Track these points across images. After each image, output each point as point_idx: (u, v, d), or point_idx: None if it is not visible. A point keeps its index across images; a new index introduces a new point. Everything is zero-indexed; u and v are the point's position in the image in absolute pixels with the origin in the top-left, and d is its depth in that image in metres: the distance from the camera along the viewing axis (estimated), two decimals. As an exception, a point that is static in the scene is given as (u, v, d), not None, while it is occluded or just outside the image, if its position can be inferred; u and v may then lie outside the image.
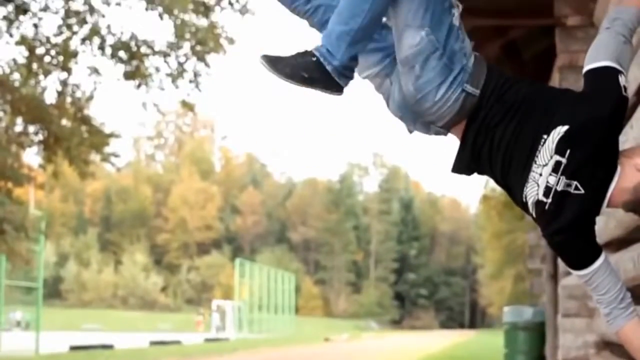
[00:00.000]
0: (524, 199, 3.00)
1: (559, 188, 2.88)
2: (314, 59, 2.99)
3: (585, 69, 2.98)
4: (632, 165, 2.90)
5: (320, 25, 3.22)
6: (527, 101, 2.97)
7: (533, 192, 2.95)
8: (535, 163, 2.93)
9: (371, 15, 2.95)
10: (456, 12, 2.99)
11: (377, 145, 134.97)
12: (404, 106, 3.11)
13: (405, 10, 2.94)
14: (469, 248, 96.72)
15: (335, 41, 2.98)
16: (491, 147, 3.01)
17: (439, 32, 2.93)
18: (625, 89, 2.90)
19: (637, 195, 2.89)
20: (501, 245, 53.35)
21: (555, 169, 2.88)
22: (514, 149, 2.97)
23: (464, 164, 3.13)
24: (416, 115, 3.11)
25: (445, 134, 3.15)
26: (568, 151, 2.85)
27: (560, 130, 2.87)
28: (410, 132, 3.29)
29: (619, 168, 2.90)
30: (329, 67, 2.98)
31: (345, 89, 3.09)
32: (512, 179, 3.03)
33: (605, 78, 2.91)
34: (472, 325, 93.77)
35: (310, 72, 2.99)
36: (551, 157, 2.88)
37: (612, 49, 2.97)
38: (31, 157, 20.33)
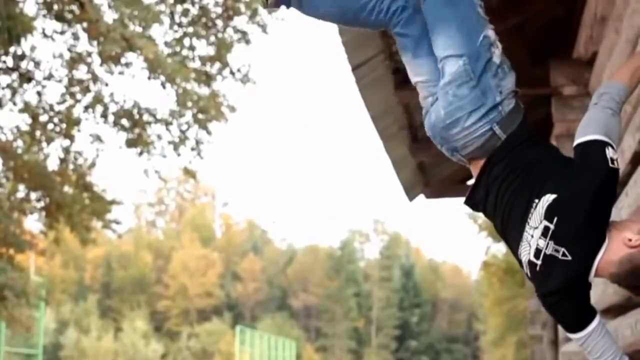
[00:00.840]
0: (519, 257, 3.09)
1: (548, 252, 2.97)
2: None
3: (575, 142, 3.07)
4: (620, 238, 2.97)
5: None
6: (534, 164, 3.08)
7: (526, 252, 3.04)
8: (528, 224, 3.02)
9: None
10: (497, 51, 3.15)
11: (378, 212, 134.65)
12: (436, 127, 3.23)
13: (445, 43, 3.12)
14: (471, 315, 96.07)
15: None
16: (496, 198, 3.13)
17: (476, 64, 3.09)
18: (613, 160, 2.97)
19: (622, 268, 2.95)
20: (502, 312, 53.01)
21: (544, 234, 2.97)
22: (512, 206, 3.08)
23: (475, 201, 3.23)
24: (444, 140, 3.22)
25: (467, 164, 3.27)
26: (555, 218, 2.93)
27: (549, 198, 2.96)
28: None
29: (607, 239, 2.96)
30: None
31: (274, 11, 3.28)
32: (510, 234, 3.13)
33: (593, 152, 3.00)
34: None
35: None
36: (541, 222, 2.97)
37: (601, 122, 3.06)
38: (32, 223, 20.36)
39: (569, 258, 2.92)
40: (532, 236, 2.99)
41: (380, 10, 3.28)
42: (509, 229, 3.11)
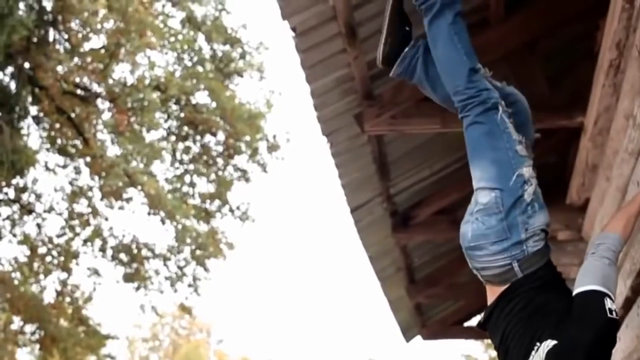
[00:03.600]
0: None
1: None
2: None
3: (574, 292, 3.14)
4: None
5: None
6: (541, 307, 3.11)
7: None
8: None
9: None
10: (529, 189, 3.22)
11: (374, 352, 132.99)
12: (463, 244, 3.31)
13: (483, 173, 3.24)
14: None
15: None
16: (503, 332, 3.16)
17: (507, 199, 3.17)
18: (612, 311, 3.01)
19: None
20: None
21: None
22: (516, 345, 3.10)
23: (484, 325, 3.28)
24: (469, 257, 3.30)
25: (484, 284, 3.31)
26: None
27: (550, 343, 2.98)
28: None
29: None
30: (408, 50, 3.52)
31: None
32: None
33: (591, 302, 3.05)
34: None
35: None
36: None
37: (599, 272, 3.14)
38: (25, 356, 20.16)
39: None
40: None
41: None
42: None
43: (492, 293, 3.26)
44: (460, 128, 3.40)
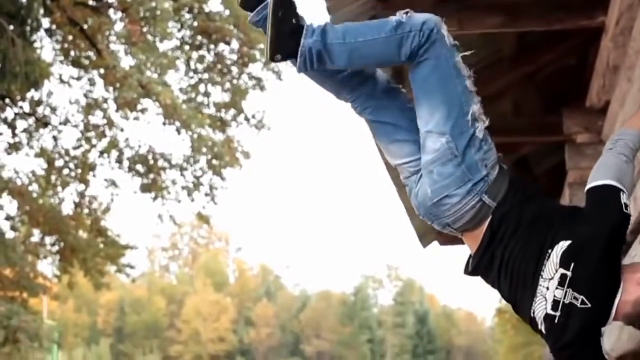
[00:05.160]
0: (532, 314, 3.04)
1: (567, 301, 2.93)
2: (301, 25, 3.05)
3: (587, 187, 3.07)
4: (635, 280, 2.96)
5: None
6: (536, 219, 3.06)
7: (542, 306, 3.00)
8: (542, 277, 2.99)
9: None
10: (480, 126, 3.09)
11: (392, 258, 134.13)
12: (424, 206, 3.20)
13: (429, 116, 3.07)
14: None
15: (341, 35, 3.05)
16: (501, 263, 3.09)
17: (460, 141, 3.04)
18: (627, 206, 2.98)
19: (636, 309, 2.94)
20: (518, 359, 52.65)
21: (561, 283, 2.94)
22: (521, 265, 3.03)
23: (476, 270, 3.21)
24: (434, 217, 3.19)
25: (460, 236, 3.23)
26: (572, 265, 2.91)
27: (564, 245, 2.95)
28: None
29: (622, 283, 2.96)
30: (306, 41, 3.02)
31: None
32: (520, 295, 3.09)
33: (606, 197, 3.00)
34: None
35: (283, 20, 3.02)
36: (556, 271, 2.94)
37: (615, 168, 3.07)
38: (46, 267, 20.42)
39: (589, 305, 2.90)
40: (548, 288, 2.96)
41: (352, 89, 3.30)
42: (519, 290, 3.07)
43: (474, 238, 3.16)
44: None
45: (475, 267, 3.19)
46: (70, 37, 15.97)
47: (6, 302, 14.28)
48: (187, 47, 16.84)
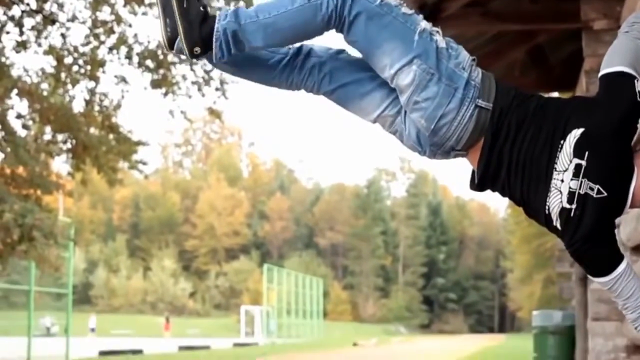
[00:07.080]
0: (547, 211, 2.94)
1: (582, 191, 2.84)
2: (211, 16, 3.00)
3: (601, 72, 2.96)
4: None
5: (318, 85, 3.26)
6: (539, 112, 2.96)
7: (557, 200, 2.91)
8: (556, 170, 2.89)
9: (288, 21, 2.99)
10: (437, 36, 3.01)
11: (404, 150, 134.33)
12: (423, 140, 3.10)
13: (388, 59, 2.98)
14: (498, 252, 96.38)
15: (253, 14, 2.99)
16: (510, 161, 2.98)
17: (429, 60, 2.95)
18: None
19: None
20: (530, 249, 53.14)
21: (576, 173, 2.85)
22: (532, 161, 2.94)
23: (482, 181, 3.10)
24: (437, 146, 3.09)
25: (466, 156, 3.12)
26: (587, 153, 2.83)
27: (576, 133, 2.85)
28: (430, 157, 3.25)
29: (635, 168, 2.88)
30: (219, 24, 2.97)
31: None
32: (533, 191, 2.99)
33: (619, 83, 2.89)
34: (501, 329, 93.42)
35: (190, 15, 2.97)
36: (570, 161, 2.85)
37: (630, 53, 2.94)
38: (60, 165, 20.45)
39: (604, 195, 2.82)
40: (562, 180, 2.87)
41: (293, 67, 3.23)
42: (531, 188, 2.97)
43: (476, 151, 3.05)
44: None
45: (481, 176, 3.06)
46: None
47: (20, 200, 14.31)
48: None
